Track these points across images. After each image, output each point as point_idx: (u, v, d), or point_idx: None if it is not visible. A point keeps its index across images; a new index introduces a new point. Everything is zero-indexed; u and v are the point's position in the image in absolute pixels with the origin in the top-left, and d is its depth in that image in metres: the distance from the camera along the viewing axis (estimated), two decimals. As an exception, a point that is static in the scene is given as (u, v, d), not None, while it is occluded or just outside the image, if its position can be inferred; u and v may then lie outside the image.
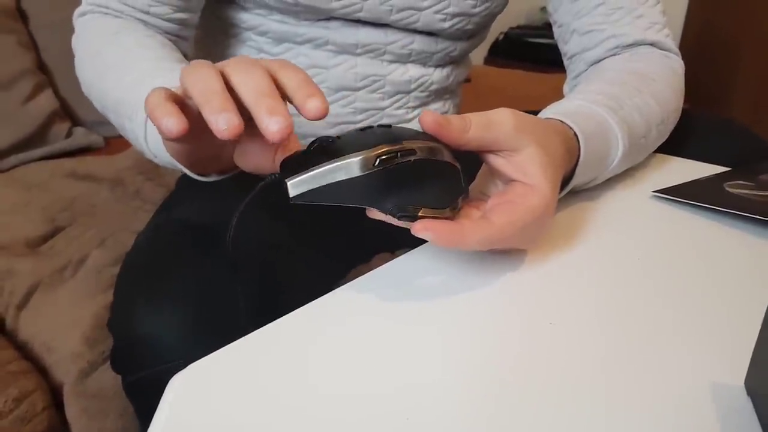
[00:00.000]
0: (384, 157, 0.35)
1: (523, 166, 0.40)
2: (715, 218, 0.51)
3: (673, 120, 0.62)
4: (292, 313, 0.38)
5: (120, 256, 0.80)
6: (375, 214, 0.38)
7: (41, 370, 0.68)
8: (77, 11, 0.64)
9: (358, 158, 0.35)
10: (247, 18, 0.67)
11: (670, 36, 0.68)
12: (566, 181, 0.48)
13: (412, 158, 0.36)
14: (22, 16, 1.16)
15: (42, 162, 1.08)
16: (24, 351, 0.70)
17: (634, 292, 0.40)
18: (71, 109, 1.19)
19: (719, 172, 0.61)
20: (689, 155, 0.65)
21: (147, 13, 0.61)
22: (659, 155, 0.64)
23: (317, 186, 0.35)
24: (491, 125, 0.39)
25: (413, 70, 0.69)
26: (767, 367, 0.29)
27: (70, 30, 1.04)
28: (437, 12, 0.65)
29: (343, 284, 0.41)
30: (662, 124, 0.59)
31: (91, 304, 0.70)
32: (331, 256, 0.68)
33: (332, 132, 0.69)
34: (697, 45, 2.23)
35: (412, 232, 0.36)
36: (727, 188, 0.56)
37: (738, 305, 0.39)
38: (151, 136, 0.50)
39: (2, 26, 1.10)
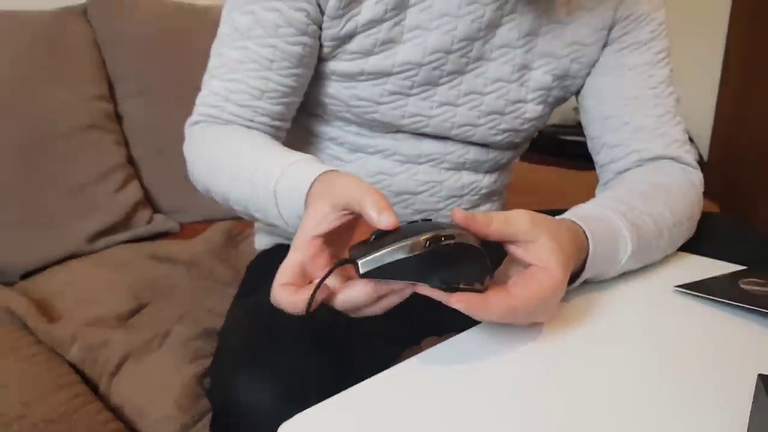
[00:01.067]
0: (431, 239, 0.46)
1: (538, 253, 0.50)
2: (728, 311, 0.59)
3: (687, 226, 0.71)
4: (365, 382, 0.47)
5: (199, 331, 0.91)
6: (423, 289, 0.48)
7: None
8: (189, 120, 0.74)
9: (411, 241, 0.45)
10: (327, 130, 0.79)
11: (690, 152, 0.79)
12: (579, 273, 0.58)
13: (452, 242, 0.46)
14: (118, 117, 1.33)
15: (126, 245, 1.21)
16: (116, 414, 0.80)
17: (656, 366, 0.48)
18: (153, 198, 1.34)
19: (735, 270, 0.69)
20: (708, 254, 0.73)
21: (251, 121, 0.72)
22: (681, 253, 0.73)
23: (381, 264, 0.45)
24: (509, 221, 0.51)
25: (466, 177, 0.80)
26: (758, 427, 0.36)
27: (157, 128, 1.19)
28: (491, 128, 0.77)
29: (397, 361, 0.50)
30: (675, 227, 0.68)
31: (179, 373, 0.80)
32: (389, 338, 0.77)
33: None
34: (726, 149, 2.32)
35: (449, 302, 0.46)
36: (742, 285, 0.63)
37: (743, 379, 0.46)
38: (287, 216, 0.59)
39: (104, 127, 1.27)
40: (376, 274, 0.45)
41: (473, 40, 0.72)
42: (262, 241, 0.88)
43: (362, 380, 0.47)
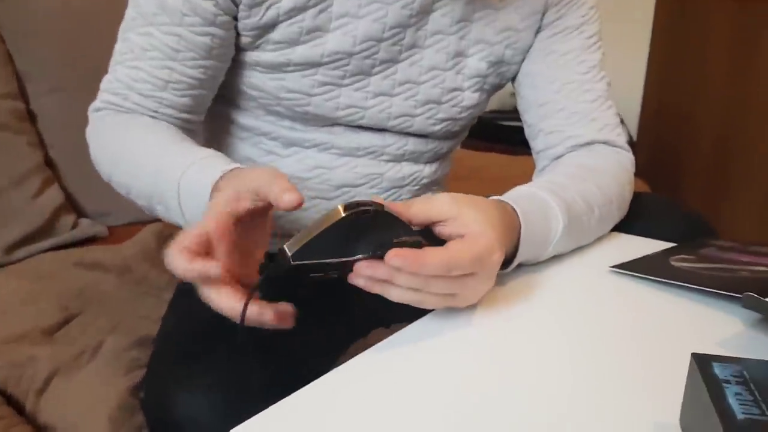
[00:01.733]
0: (349, 206, 0.46)
1: (466, 224, 0.51)
2: (661, 288, 0.60)
3: (618, 205, 0.72)
4: (307, 387, 0.45)
5: (133, 341, 0.87)
6: (357, 272, 0.47)
7: (65, 452, 0.73)
8: (92, 106, 0.72)
9: (331, 212, 0.46)
10: (260, 125, 0.76)
11: (621, 135, 0.81)
12: (513, 257, 0.58)
13: (371, 208, 0.47)
14: (31, 117, 1.25)
15: (50, 253, 1.15)
16: (46, 433, 0.75)
17: (591, 346, 0.49)
18: (76, 202, 1.27)
19: (665, 248, 0.71)
20: (639, 233, 0.75)
21: (156, 112, 0.69)
22: (613, 233, 0.75)
23: (306, 241, 0.45)
24: (430, 200, 0.52)
25: (407, 168, 0.79)
26: (692, 406, 0.37)
27: (75, 127, 1.14)
28: (429, 118, 0.76)
29: (344, 358, 0.49)
30: (605, 205, 0.70)
31: (112, 386, 0.76)
32: (332, 335, 0.76)
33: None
34: (653, 130, 2.41)
35: (386, 261, 0.46)
36: (672, 262, 0.65)
37: (676, 357, 0.48)
38: (189, 213, 0.57)
39: (14, 128, 1.19)
40: (305, 255, 0.45)
41: (405, 27, 0.71)
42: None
43: (309, 381, 0.46)
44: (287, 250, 0.45)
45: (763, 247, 0.70)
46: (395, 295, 0.49)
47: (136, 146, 0.65)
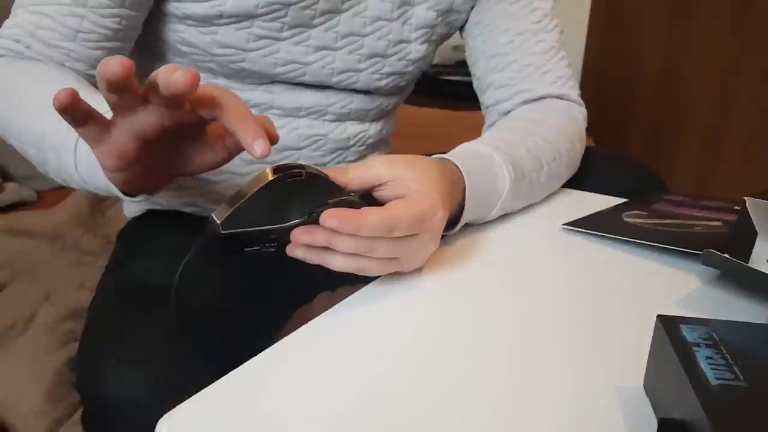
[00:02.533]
0: (277, 169, 0.43)
1: (405, 185, 0.49)
2: (615, 245, 0.59)
3: (569, 159, 0.71)
4: (259, 356, 0.42)
5: (68, 311, 0.82)
6: (295, 242, 0.44)
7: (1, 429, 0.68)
8: None
9: (258, 175, 0.43)
10: None
11: (574, 87, 0.78)
12: (459, 217, 0.56)
13: (301, 171, 0.44)
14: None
15: (-25, 220, 1.07)
16: (-23, 413, 0.71)
17: (547, 309, 0.48)
18: (1, 166, 1.19)
19: (617, 203, 0.70)
20: (589, 188, 0.74)
21: (63, 66, 0.62)
22: (563, 189, 0.74)
23: (235, 208, 0.42)
24: (366, 165, 0.49)
25: (351, 128, 0.75)
26: (658, 371, 0.36)
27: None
28: (374, 72, 0.72)
29: (290, 327, 0.46)
30: (554, 161, 0.68)
31: (48, 361, 0.71)
32: (277, 302, 0.73)
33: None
34: (597, 85, 2.43)
35: (321, 222, 0.43)
36: (625, 218, 0.65)
37: (636, 319, 0.47)
38: (82, 162, 0.50)
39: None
40: (236, 223, 0.42)
41: None
42: (130, 208, 0.79)
43: (253, 354, 0.43)
44: (215, 218, 0.42)
45: (713, 201, 0.70)
46: (336, 263, 0.46)
47: (38, 87, 0.57)
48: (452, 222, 0.56)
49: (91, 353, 0.53)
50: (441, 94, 2.13)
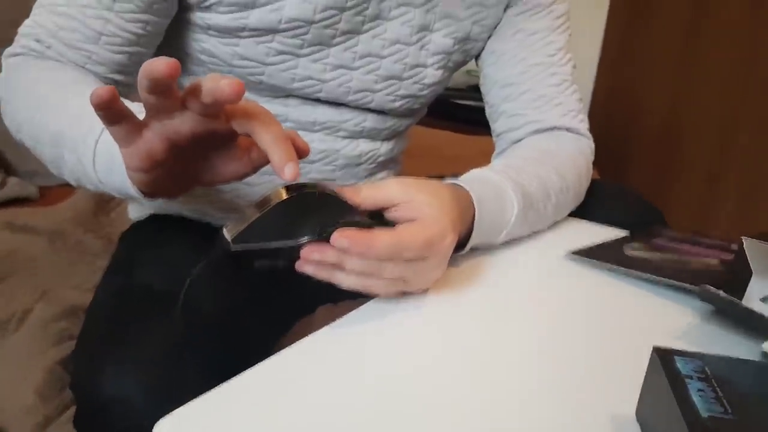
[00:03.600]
0: (291, 188, 0.43)
1: (418, 207, 0.49)
2: (617, 276, 0.60)
3: (575, 192, 0.72)
4: (259, 365, 0.43)
5: (64, 310, 0.82)
6: (305, 259, 0.44)
7: (-15, 425, 0.68)
8: (7, 51, 0.63)
9: (269, 194, 0.43)
10: None
11: (584, 121, 0.80)
12: (467, 241, 0.57)
13: (315, 190, 0.44)
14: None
15: (-24, 212, 1.07)
16: (-34, 407, 0.70)
17: (546, 335, 0.48)
18: (5, 159, 1.19)
19: (620, 236, 0.71)
20: (593, 218, 0.75)
21: (83, 68, 0.62)
22: (569, 218, 0.74)
23: (248, 224, 0.42)
24: (380, 186, 0.50)
25: (363, 145, 0.76)
26: (651, 400, 0.36)
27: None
28: (389, 94, 0.73)
29: (290, 337, 0.46)
30: (562, 192, 0.69)
31: (40, 359, 0.71)
32: (278, 312, 0.73)
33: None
34: (602, 119, 2.46)
35: (332, 242, 0.43)
36: (627, 250, 0.65)
37: (633, 349, 0.47)
38: (100, 163, 0.50)
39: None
40: (246, 239, 0.42)
41: None
42: (135, 212, 0.80)
43: (252, 363, 0.43)
44: (226, 234, 0.42)
45: (711, 239, 0.71)
46: (344, 281, 0.46)
47: (56, 88, 0.57)
48: (459, 245, 0.56)
49: (89, 353, 0.53)
50: (452, 117, 2.15)
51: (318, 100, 0.71)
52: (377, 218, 0.49)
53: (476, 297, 0.53)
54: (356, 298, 0.52)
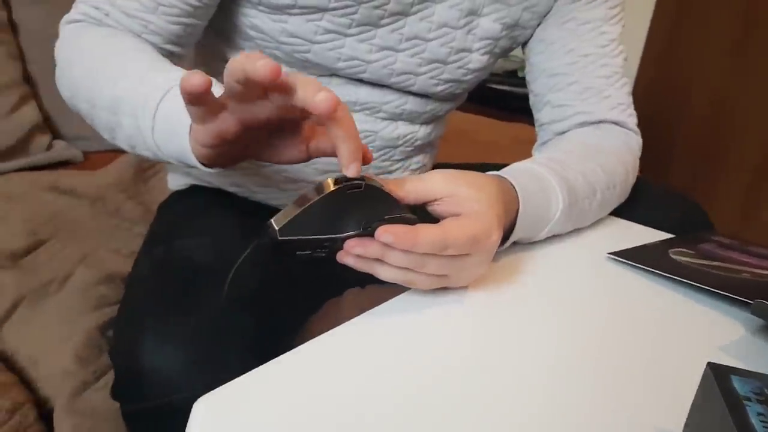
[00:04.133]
0: (339, 180, 0.43)
1: (462, 202, 0.48)
2: (660, 281, 0.58)
3: (621, 189, 0.70)
4: (303, 346, 0.43)
5: (103, 275, 0.83)
6: (347, 252, 0.44)
7: (25, 383, 0.70)
8: (65, 18, 0.65)
9: (316, 185, 0.43)
10: None
11: (633, 116, 0.77)
12: (509, 234, 0.56)
13: (362, 183, 0.44)
14: (13, 27, 1.17)
15: (21, 173, 1.09)
16: (7, 364, 0.72)
17: (587, 340, 0.47)
18: (53, 123, 1.21)
19: (664, 238, 0.69)
20: (636, 219, 0.73)
21: (138, 37, 0.63)
22: (611, 218, 0.73)
23: (294, 215, 0.42)
24: (423, 179, 0.49)
25: (402, 128, 0.75)
26: (703, 420, 0.35)
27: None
28: (432, 77, 0.72)
29: (318, 316, 0.46)
30: (608, 189, 0.67)
31: (80, 322, 0.73)
32: (307, 293, 0.74)
33: (321, 178, 0.75)
34: (644, 112, 2.39)
35: (376, 237, 0.43)
36: (672, 255, 0.64)
37: (679, 360, 0.46)
38: (158, 130, 0.51)
39: (-7, 37, 1.12)
40: (293, 230, 0.42)
41: None
42: (175, 181, 0.80)
43: (284, 341, 0.43)
44: (274, 225, 0.42)
45: (762, 248, 0.69)
46: (386, 274, 0.46)
47: (115, 54, 0.58)
48: (502, 238, 0.56)
49: (130, 324, 0.54)
50: (488, 102, 2.12)
51: (361, 81, 0.71)
52: (422, 212, 0.48)
53: (512, 296, 0.53)
54: (383, 284, 0.52)
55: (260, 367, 0.40)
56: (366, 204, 0.44)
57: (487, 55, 0.74)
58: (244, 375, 0.39)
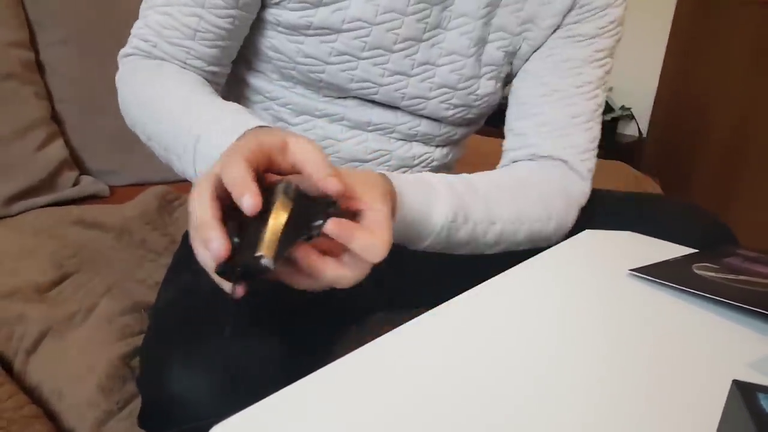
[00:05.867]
0: (288, 190, 0.45)
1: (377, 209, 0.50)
2: (683, 297, 0.57)
3: (531, 230, 0.68)
4: (315, 373, 0.43)
5: (127, 306, 0.84)
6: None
7: (49, 415, 0.71)
8: (122, 52, 0.71)
9: (280, 202, 0.44)
10: (271, 89, 0.74)
11: (588, 161, 0.76)
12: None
13: (296, 186, 0.46)
14: (40, 68, 1.21)
15: (49, 209, 1.12)
16: (32, 396, 0.73)
17: (610, 358, 0.46)
18: (79, 159, 1.24)
19: (687, 253, 0.68)
20: (658, 236, 0.72)
21: (184, 63, 0.68)
22: (632, 233, 0.72)
23: (278, 242, 0.42)
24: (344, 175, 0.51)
25: (417, 148, 0.76)
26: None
27: (84, 82, 1.11)
28: (442, 102, 0.73)
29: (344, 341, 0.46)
30: (512, 224, 0.66)
31: (104, 353, 0.73)
32: (335, 318, 0.74)
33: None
34: (665, 129, 2.37)
35: (330, 233, 0.45)
36: (695, 270, 0.62)
37: (704, 378, 0.45)
38: (201, 165, 0.56)
39: (22, 78, 1.15)
40: (279, 255, 0.43)
41: (431, 3, 0.68)
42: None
43: (309, 364, 0.43)
44: (266, 262, 0.42)
45: (790, 262, 0.67)
46: (331, 269, 0.47)
47: (163, 92, 0.64)
48: None
49: (157, 351, 0.54)
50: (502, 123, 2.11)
51: (374, 102, 0.72)
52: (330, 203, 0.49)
53: (532, 313, 0.52)
54: (407, 309, 0.51)
55: (278, 392, 0.40)
56: (308, 207, 0.46)
57: (493, 80, 0.75)
58: (261, 401, 0.39)
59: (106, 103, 1.08)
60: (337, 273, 0.46)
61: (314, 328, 0.68)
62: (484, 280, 0.55)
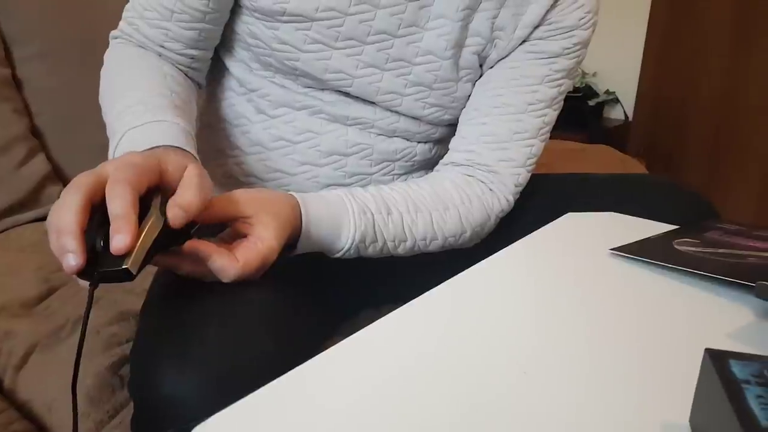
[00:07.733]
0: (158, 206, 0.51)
1: (256, 227, 0.56)
2: (665, 273, 0.57)
3: (453, 240, 0.72)
4: (303, 365, 0.42)
5: (115, 315, 0.84)
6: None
7: (41, 430, 0.70)
8: (112, 33, 0.74)
9: (156, 219, 0.50)
10: (252, 79, 0.74)
11: (518, 176, 0.76)
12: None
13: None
14: (17, 83, 1.21)
15: (35, 224, 1.11)
16: (23, 411, 0.73)
17: (592, 336, 0.46)
18: (62, 172, 1.23)
19: (668, 230, 0.68)
20: (640, 214, 0.72)
21: (162, 47, 0.70)
22: (613, 214, 0.72)
23: (145, 253, 0.47)
24: (231, 199, 0.57)
25: (398, 143, 0.76)
26: (705, 407, 0.34)
27: (63, 95, 1.11)
28: (418, 100, 0.73)
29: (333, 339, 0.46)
30: (426, 239, 0.70)
31: (92, 364, 0.73)
32: (324, 315, 0.74)
33: (301, 169, 0.77)
34: (651, 110, 2.38)
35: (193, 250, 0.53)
36: (676, 246, 0.63)
37: (685, 350, 0.45)
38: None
39: (0, 94, 1.15)
40: (144, 265, 0.48)
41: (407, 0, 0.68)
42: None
43: (300, 363, 0.43)
44: (131, 275, 0.48)
45: (770, 232, 0.67)
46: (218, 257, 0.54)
47: (122, 86, 0.66)
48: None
49: (145, 352, 0.54)
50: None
51: (351, 96, 0.72)
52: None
53: (514, 293, 0.52)
54: (397, 304, 0.51)
55: (259, 390, 0.40)
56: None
57: (470, 83, 0.75)
58: (246, 398, 0.39)
59: (86, 115, 1.08)
60: (222, 263, 0.53)
61: (306, 328, 0.68)
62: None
